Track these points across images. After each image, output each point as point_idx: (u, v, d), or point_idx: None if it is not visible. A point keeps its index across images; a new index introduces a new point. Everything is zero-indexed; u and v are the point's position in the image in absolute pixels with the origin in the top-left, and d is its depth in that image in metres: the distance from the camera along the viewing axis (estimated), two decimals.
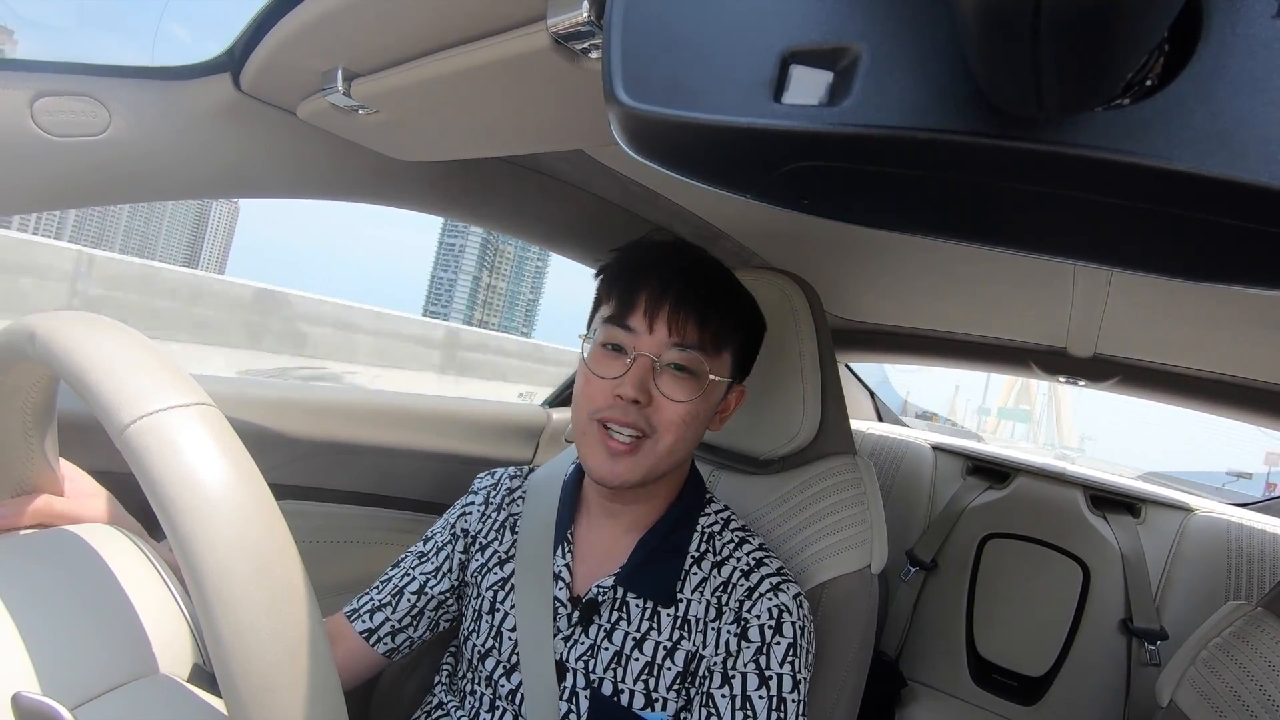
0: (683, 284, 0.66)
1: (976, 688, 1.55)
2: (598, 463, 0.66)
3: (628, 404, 0.64)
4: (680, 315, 0.65)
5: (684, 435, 0.66)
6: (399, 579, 0.79)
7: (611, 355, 0.67)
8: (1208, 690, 0.80)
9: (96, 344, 0.37)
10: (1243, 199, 0.20)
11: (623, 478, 0.65)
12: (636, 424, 0.64)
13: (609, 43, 0.27)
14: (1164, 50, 0.21)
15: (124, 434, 0.33)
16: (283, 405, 0.99)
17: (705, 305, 0.66)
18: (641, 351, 0.65)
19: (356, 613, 0.77)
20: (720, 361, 0.68)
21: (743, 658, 0.64)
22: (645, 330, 0.65)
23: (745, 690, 0.63)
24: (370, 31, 0.55)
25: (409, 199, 0.92)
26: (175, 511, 0.32)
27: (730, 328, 0.68)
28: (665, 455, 0.66)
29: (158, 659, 0.43)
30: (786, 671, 0.64)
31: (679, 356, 0.65)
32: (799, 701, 0.63)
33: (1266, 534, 1.44)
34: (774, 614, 0.66)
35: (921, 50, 0.23)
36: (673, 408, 0.65)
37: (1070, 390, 3.44)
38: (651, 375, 0.65)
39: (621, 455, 0.65)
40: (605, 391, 0.65)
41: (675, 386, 0.65)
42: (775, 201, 0.29)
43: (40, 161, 0.62)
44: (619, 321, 0.66)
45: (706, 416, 0.69)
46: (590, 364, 0.68)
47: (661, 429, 0.65)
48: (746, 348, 0.73)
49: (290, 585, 0.33)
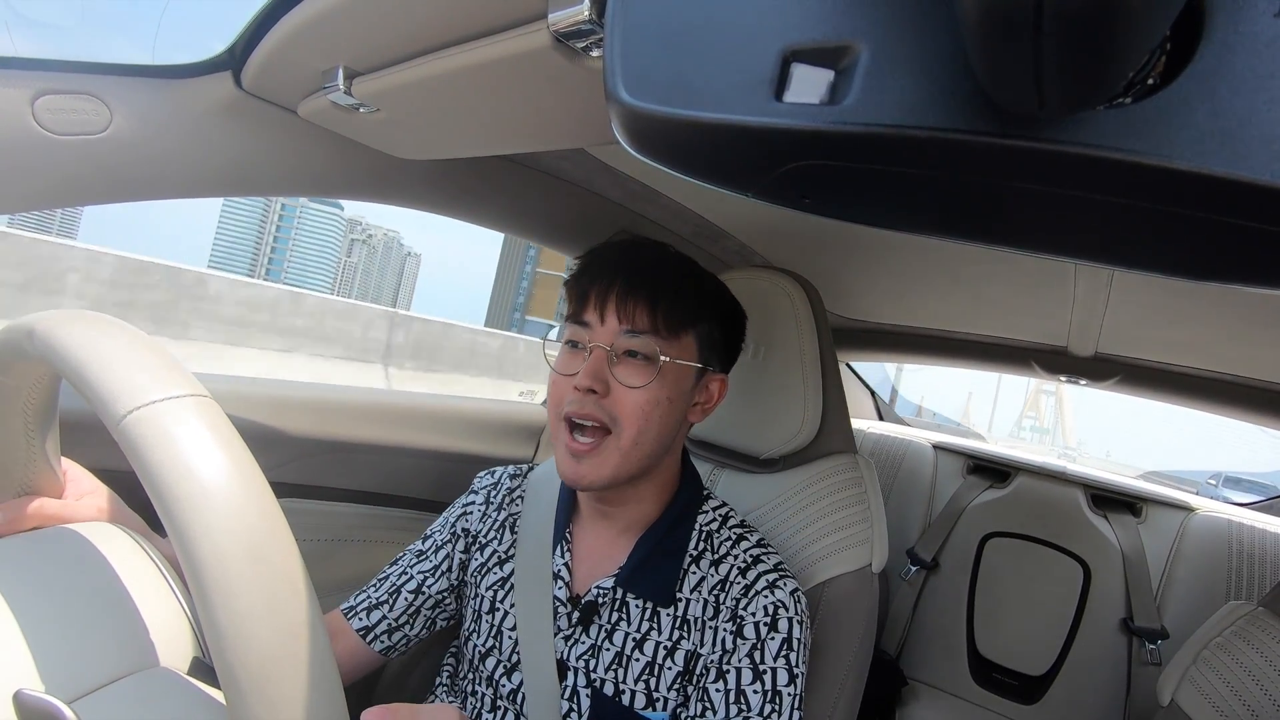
0: (630, 273, 0.67)
1: (977, 687, 1.55)
2: (563, 465, 0.66)
3: (584, 395, 0.65)
4: (630, 303, 0.66)
5: (647, 425, 0.66)
6: (396, 577, 0.79)
7: (572, 352, 0.69)
8: (1209, 689, 0.80)
9: (93, 338, 0.37)
10: (1244, 198, 0.20)
11: (589, 478, 0.65)
12: (596, 415, 0.64)
13: (610, 41, 0.27)
14: (1166, 49, 0.21)
15: (120, 425, 0.33)
16: (283, 404, 0.99)
17: (654, 290, 0.67)
18: (595, 343, 0.66)
19: (354, 610, 0.76)
20: (680, 345, 0.68)
21: (738, 654, 0.65)
22: (598, 322, 0.67)
23: (740, 685, 0.63)
24: (371, 30, 0.55)
25: (410, 197, 0.92)
26: (171, 501, 0.32)
27: (686, 312, 0.68)
28: (631, 448, 0.65)
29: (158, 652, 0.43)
30: (781, 665, 0.64)
31: (631, 343, 0.66)
32: (794, 695, 0.63)
33: (1267, 533, 1.43)
34: (769, 611, 0.66)
35: (923, 49, 0.23)
36: (631, 396, 0.65)
37: (1071, 394, 3.43)
38: (607, 365, 0.66)
39: (584, 455, 0.65)
40: (567, 387, 0.66)
41: (631, 373, 0.66)
42: (776, 200, 0.29)
43: (41, 159, 0.62)
44: (575, 318, 0.68)
45: (674, 404, 0.68)
46: (555, 364, 0.69)
47: (623, 420, 0.65)
48: (716, 335, 0.72)
49: (287, 574, 0.33)
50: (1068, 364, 1.53)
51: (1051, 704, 1.48)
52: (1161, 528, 1.54)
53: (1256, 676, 0.78)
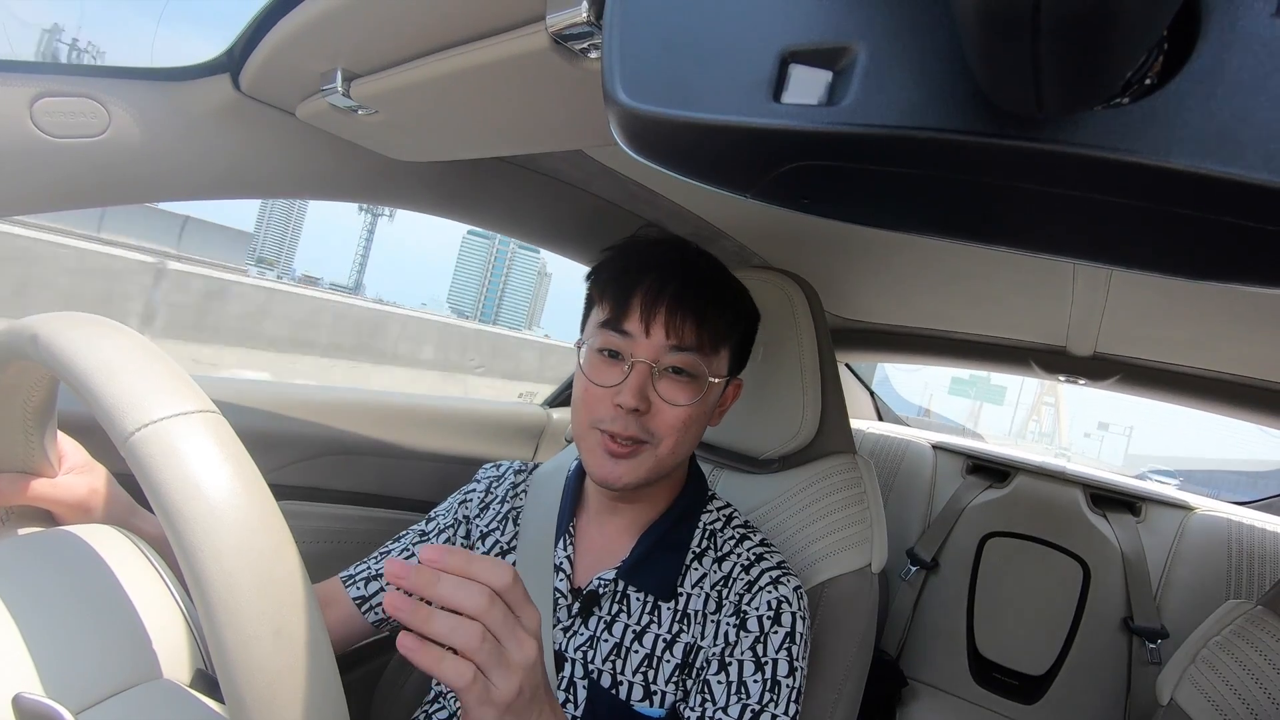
0: (679, 284, 0.65)
1: (977, 686, 1.55)
2: (598, 465, 0.66)
3: (627, 414, 0.63)
4: (678, 317, 0.64)
5: (684, 438, 0.66)
6: (398, 553, 0.80)
7: (608, 361, 0.66)
8: (1208, 688, 0.80)
9: (99, 348, 0.37)
10: (1242, 197, 0.20)
11: (625, 479, 0.65)
12: (636, 434, 0.64)
13: (608, 42, 0.27)
14: (1163, 49, 0.21)
15: (128, 442, 0.33)
16: (285, 406, 0.99)
17: (703, 305, 0.65)
18: (639, 358, 0.64)
19: (352, 579, 0.77)
20: (718, 360, 0.68)
21: (740, 646, 0.65)
22: (642, 334, 0.64)
23: (741, 676, 0.64)
24: (369, 32, 0.55)
25: (408, 199, 0.92)
26: (180, 521, 0.32)
27: (728, 325, 0.68)
28: (667, 458, 0.66)
29: (160, 663, 0.43)
30: (783, 657, 0.64)
31: (678, 360, 0.64)
32: (794, 688, 0.64)
33: (1267, 532, 1.44)
34: (773, 605, 0.66)
35: (921, 49, 0.23)
36: (672, 412, 0.64)
37: (1065, 403, 3.41)
38: (650, 381, 0.64)
39: (622, 458, 0.65)
40: (604, 400, 0.64)
41: (675, 390, 0.65)
42: (775, 201, 0.29)
43: (40, 162, 0.62)
44: (615, 326, 0.65)
45: (706, 416, 0.70)
46: (588, 372, 0.66)
47: (662, 434, 0.65)
48: (743, 342, 0.74)
49: (294, 595, 0.33)
50: (1066, 364, 1.53)
51: (1051, 703, 1.48)
52: (1161, 527, 1.54)
53: (1256, 675, 0.78)
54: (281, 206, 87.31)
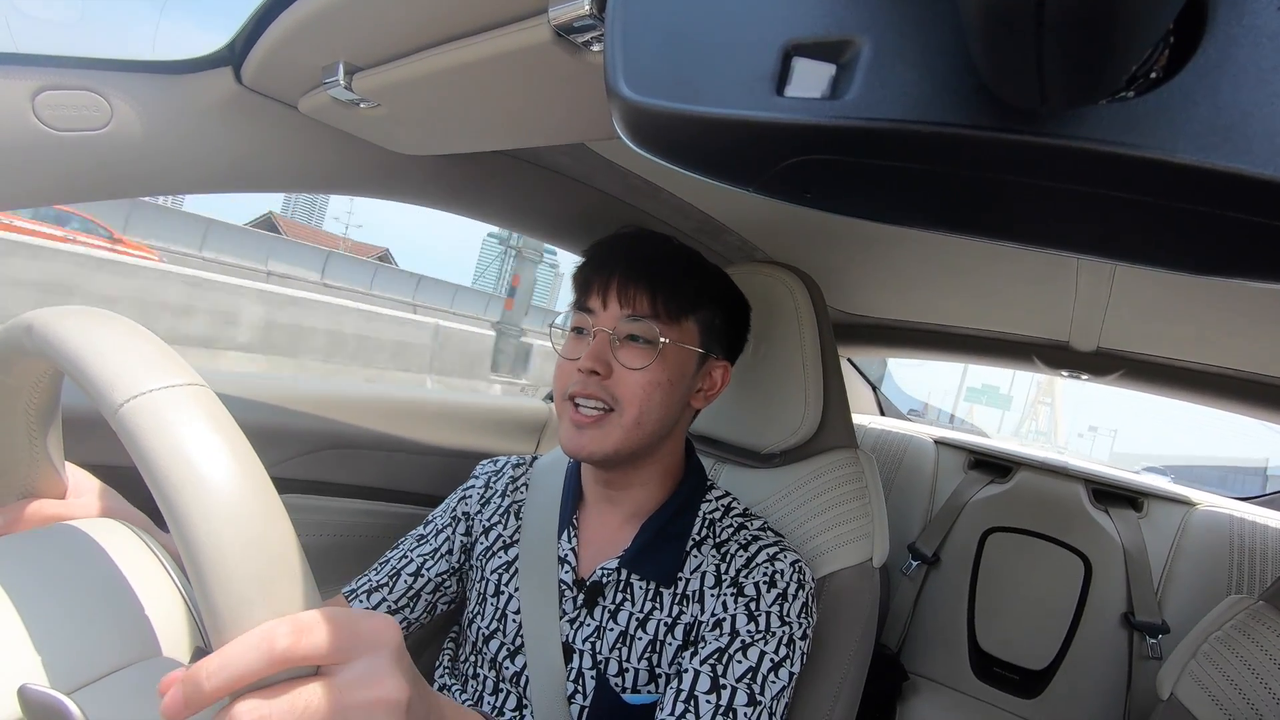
0: (630, 260, 0.70)
1: (978, 681, 1.55)
2: (566, 437, 0.69)
3: (588, 376, 0.67)
4: (630, 288, 0.69)
5: (649, 405, 0.68)
6: (397, 560, 0.80)
7: (577, 338, 0.72)
8: (1209, 683, 0.80)
9: (90, 330, 0.37)
10: (1247, 192, 0.20)
11: (589, 448, 0.67)
12: (599, 395, 0.67)
13: (611, 36, 0.27)
14: (1169, 43, 0.21)
15: (117, 414, 0.33)
16: (286, 400, 0.99)
17: (654, 276, 0.69)
18: (599, 327, 0.69)
19: (354, 593, 0.78)
20: (680, 330, 0.70)
21: (735, 605, 0.67)
22: (601, 308, 0.70)
23: (734, 626, 0.65)
24: (371, 25, 0.55)
25: (410, 193, 0.92)
26: (168, 487, 0.32)
27: (686, 298, 0.71)
28: (633, 427, 0.68)
29: (160, 642, 0.43)
30: (774, 610, 0.66)
31: (633, 327, 0.69)
32: (789, 638, 0.65)
33: (1269, 528, 1.43)
34: (768, 574, 0.68)
35: (924, 43, 0.23)
36: (632, 377, 0.68)
37: (1061, 405, 3.38)
38: (609, 349, 0.68)
39: (586, 427, 0.67)
40: (572, 370, 0.69)
41: (632, 355, 0.68)
42: (778, 195, 0.29)
43: (42, 155, 0.62)
44: (579, 305, 0.72)
45: (675, 387, 0.70)
46: (561, 350, 0.73)
47: (625, 400, 0.68)
48: (718, 322, 0.75)
49: (285, 558, 0.33)
50: (1069, 359, 1.52)
51: (1052, 698, 1.48)
52: (1162, 522, 1.54)
53: (1257, 670, 0.78)
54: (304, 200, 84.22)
